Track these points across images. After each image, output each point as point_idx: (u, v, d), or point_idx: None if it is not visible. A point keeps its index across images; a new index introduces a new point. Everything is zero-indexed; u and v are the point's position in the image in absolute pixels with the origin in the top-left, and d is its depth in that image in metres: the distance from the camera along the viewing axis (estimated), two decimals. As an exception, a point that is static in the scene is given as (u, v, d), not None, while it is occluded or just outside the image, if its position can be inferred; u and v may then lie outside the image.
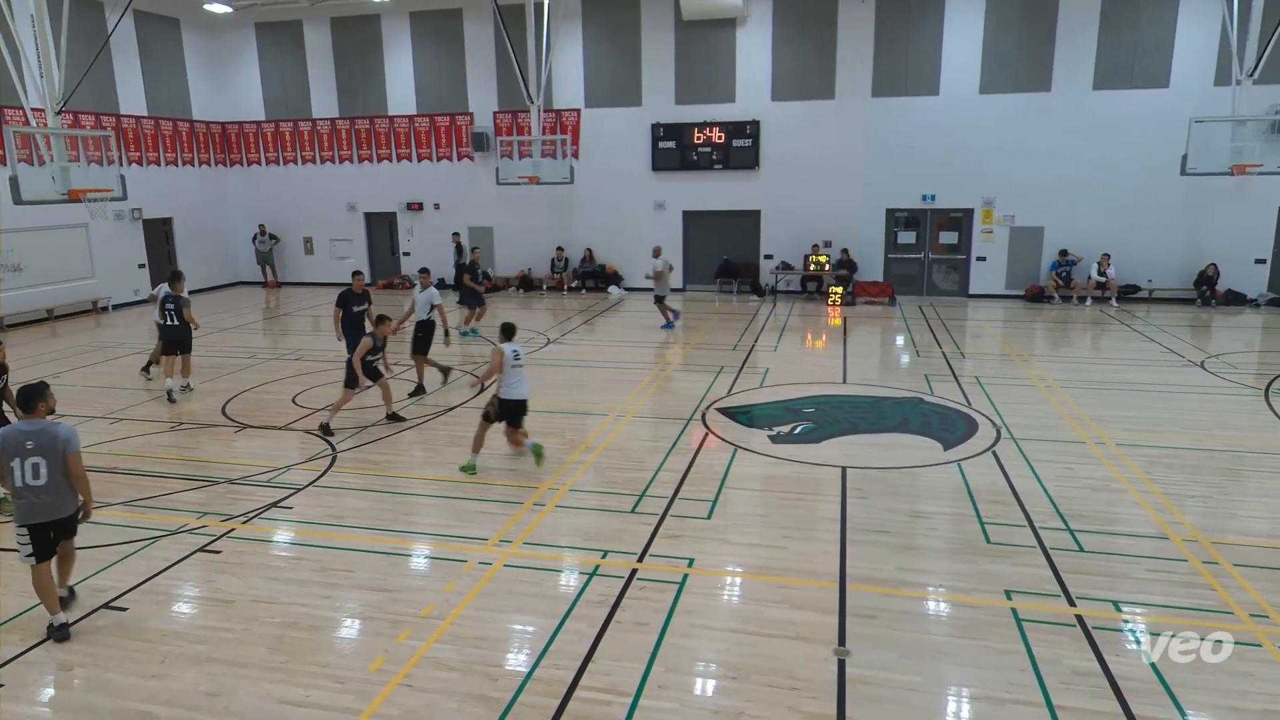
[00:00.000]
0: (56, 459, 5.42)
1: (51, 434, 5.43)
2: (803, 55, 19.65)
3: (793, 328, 16.70)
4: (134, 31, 20.46)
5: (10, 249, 17.53)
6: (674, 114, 20.56)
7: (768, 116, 20.06)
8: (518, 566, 6.45)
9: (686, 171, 20.76)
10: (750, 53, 19.89)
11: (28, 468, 5.37)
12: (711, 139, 20.37)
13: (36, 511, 5.45)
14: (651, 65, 20.52)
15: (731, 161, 20.40)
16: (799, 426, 9.87)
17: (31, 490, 5.40)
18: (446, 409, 10.87)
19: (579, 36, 20.77)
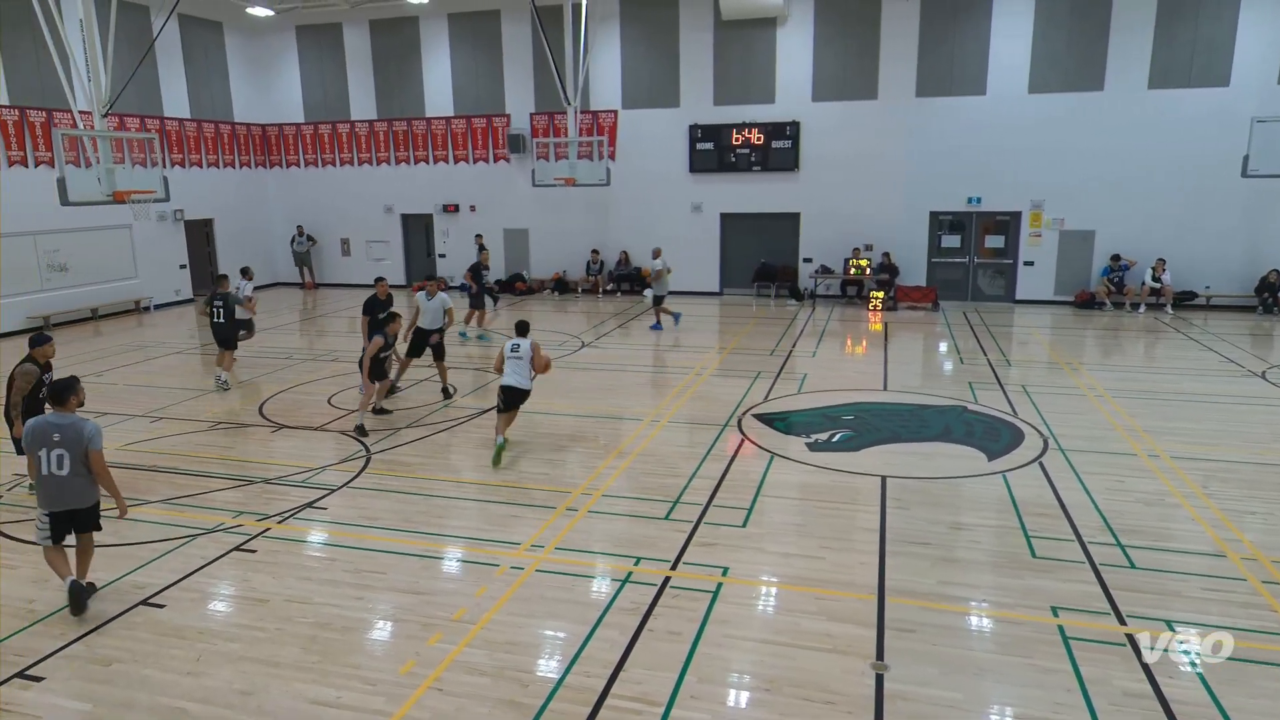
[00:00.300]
0: (79, 453, 5.72)
1: (78, 429, 5.72)
2: (845, 55, 19.51)
3: (832, 333, 16.56)
4: (178, 35, 21.02)
5: (56, 249, 18.10)
6: (712, 115, 20.54)
7: (808, 117, 19.94)
8: (550, 572, 6.48)
9: (724, 173, 20.71)
10: (791, 52, 19.80)
11: (53, 458, 5.69)
12: (750, 140, 20.30)
13: (57, 500, 5.79)
14: (690, 66, 20.52)
15: (770, 163, 20.30)
16: (838, 434, 9.77)
17: (54, 480, 5.73)
18: (479, 412, 10.96)
19: (617, 37, 20.85)
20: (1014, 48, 18.45)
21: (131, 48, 16.97)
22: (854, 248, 19.95)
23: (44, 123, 17.50)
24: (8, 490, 8.43)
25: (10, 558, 6.91)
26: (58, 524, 5.87)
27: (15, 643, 5.60)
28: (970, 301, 19.88)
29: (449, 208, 23.16)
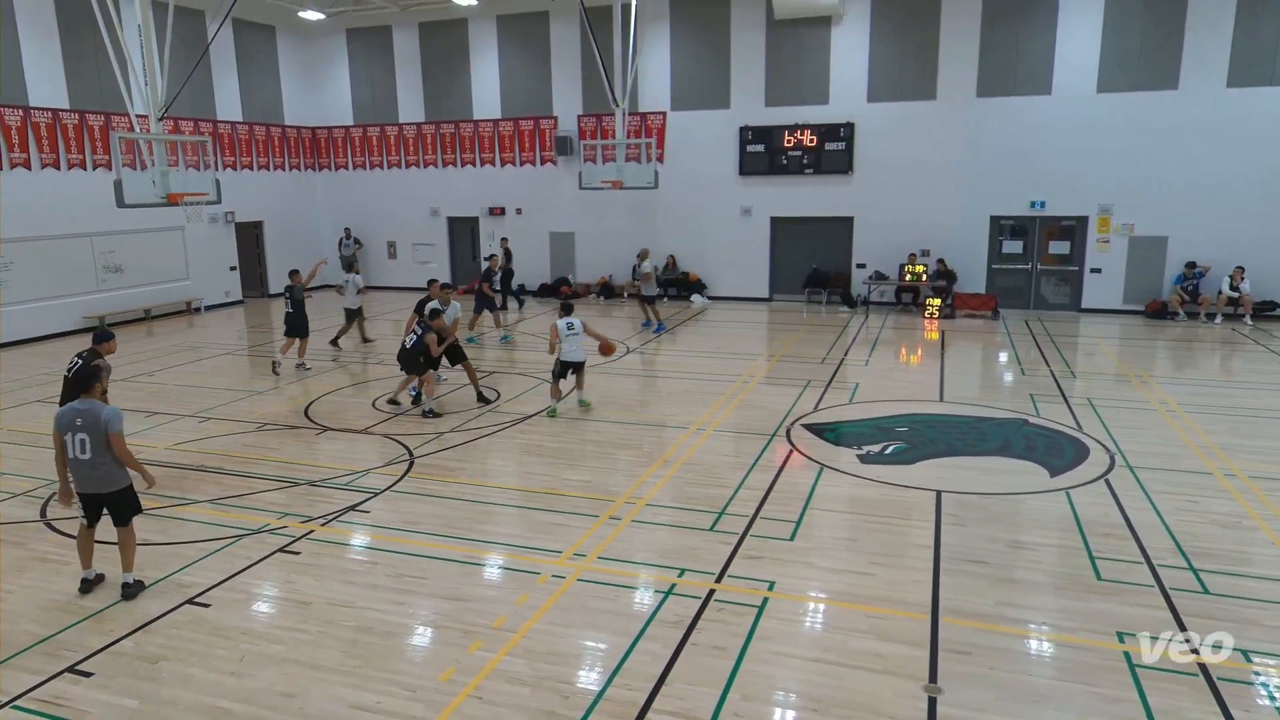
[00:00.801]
0: (99, 436, 6.10)
1: (96, 413, 6.12)
2: (902, 53, 19.27)
3: (886, 341, 16.34)
4: (232, 39, 21.68)
5: (112, 250, 18.79)
6: (763, 116, 20.46)
7: (863, 118, 19.74)
8: (591, 581, 6.49)
9: (775, 176, 20.61)
10: (845, 51, 19.63)
11: (77, 442, 6.11)
12: (803, 142, 20.17)
13: (82, 482, 6.23)
14: (741, 66, 20.49)
15: (823, 165, 20.14)
16: (890, 446, 9.64)
17: (79, 462, 6.16)
18: (522, 417, 11.06)
19: (666, 37, 20.92)
20: (1082, 45, 18.02)
21: (187, 52, 17.57)
22: (910, 253, 19.67)
23: (102, 126, 18.19)
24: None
25: (62, 554, 7.17)
26: (88, 505, 6.32)
27: (66, 637, 5.81)
28: (1032, 310, 19.43)
29: (495, 210, 23.45)
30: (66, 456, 6.17)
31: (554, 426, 10.65)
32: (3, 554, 7.19)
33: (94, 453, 6.11)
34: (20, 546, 7.33)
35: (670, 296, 21.66)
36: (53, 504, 8.25)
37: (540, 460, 9.43)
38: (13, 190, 16.65)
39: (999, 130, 18.80)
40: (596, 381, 12.96)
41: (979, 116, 18.90)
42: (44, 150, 17.21)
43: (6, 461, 9.65)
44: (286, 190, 24.03)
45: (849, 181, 20.15)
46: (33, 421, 11.27)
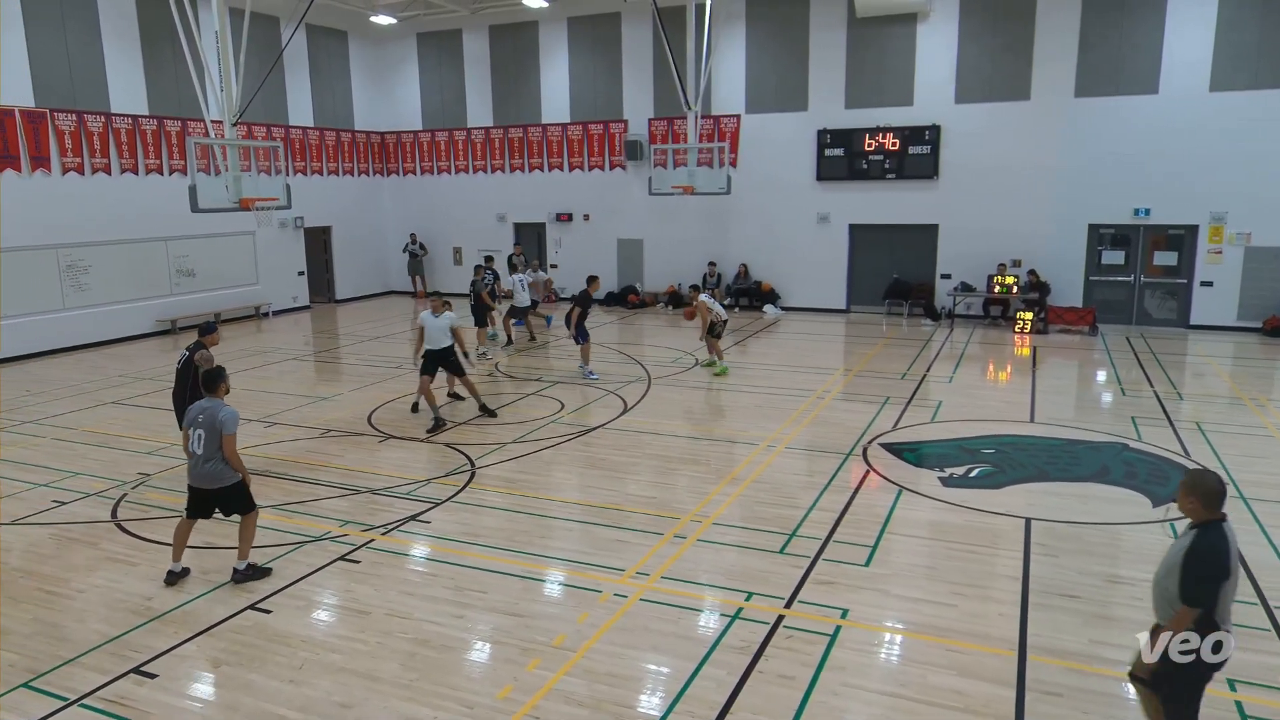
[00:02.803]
0: (214, 435, 6.64)
1: (214, 413, 6.68)
2: (994, 52, 18.85)
3: (972, 356, 15.95)
4: (305, 45, 22.54)
5: (185, 255, 19.68)
6: (843, 119, 20.25)
7: (950, 120, 19.36)
8: (655, 602, 6.48)
9: (855, 181, 20.36)
10: (932, 50, 19.31)
11: (195, 437, 6.72)
12: (884, 146, 19.89)
13: (194, 476, 6.77)
14: (820, 67, 20.33)
15: (906, 170, 19.82)
16: (976, 469, 9.40)
17: (194, 458, 6.75)
18: (585, 429, 11.14)
19: (742, 38, 20.91)
20: (1193, 40, 17.32)
21: (261, 58, 18.32)
22: (999, 263, 19.15)
23: (179, 132, 19.11)
24: (132, 488, 9.18)
25: (131, 554, 7.51)
26: (193, 499, 6.83)
27: (133, 638, 6.07)
28: (1134, 325, 18.69)
29: (562, 216, 23.75)
30: (187, 450, 6.83)
31: (618, 440, 10.70)
32: (75, 553, 7.57)
33: (207, 450, 6.65)
34: (92, 546, 7.71)
35: (741, 307, 21.56)
36: (123, 505, 8.66)
37: (603, 474, 9.48)
38: (93, 195, 17.60)
39: (1099, 132, 18.19)
40: (665, 393, 13.00)
41: (1077, 118, 18.32)
42: (123, 155, 18.16)
43: (80, 461, 10.16)
44: (354, 195, 24.80)
45: (934, 187, 19.77)
46: (106, 423, 11.86)
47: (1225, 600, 3.99)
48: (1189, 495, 4.10)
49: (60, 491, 9.12)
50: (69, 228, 17.14)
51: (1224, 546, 3.97)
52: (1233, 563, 3.96)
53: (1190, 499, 4.10)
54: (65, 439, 11.14)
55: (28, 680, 5.56)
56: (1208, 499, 4.05)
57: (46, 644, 6.02)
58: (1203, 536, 4.02)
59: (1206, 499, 4.05)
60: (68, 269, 17.26)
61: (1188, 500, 4.10)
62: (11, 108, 16.10)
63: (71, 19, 17.12)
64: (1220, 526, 4.03)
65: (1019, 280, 18.84)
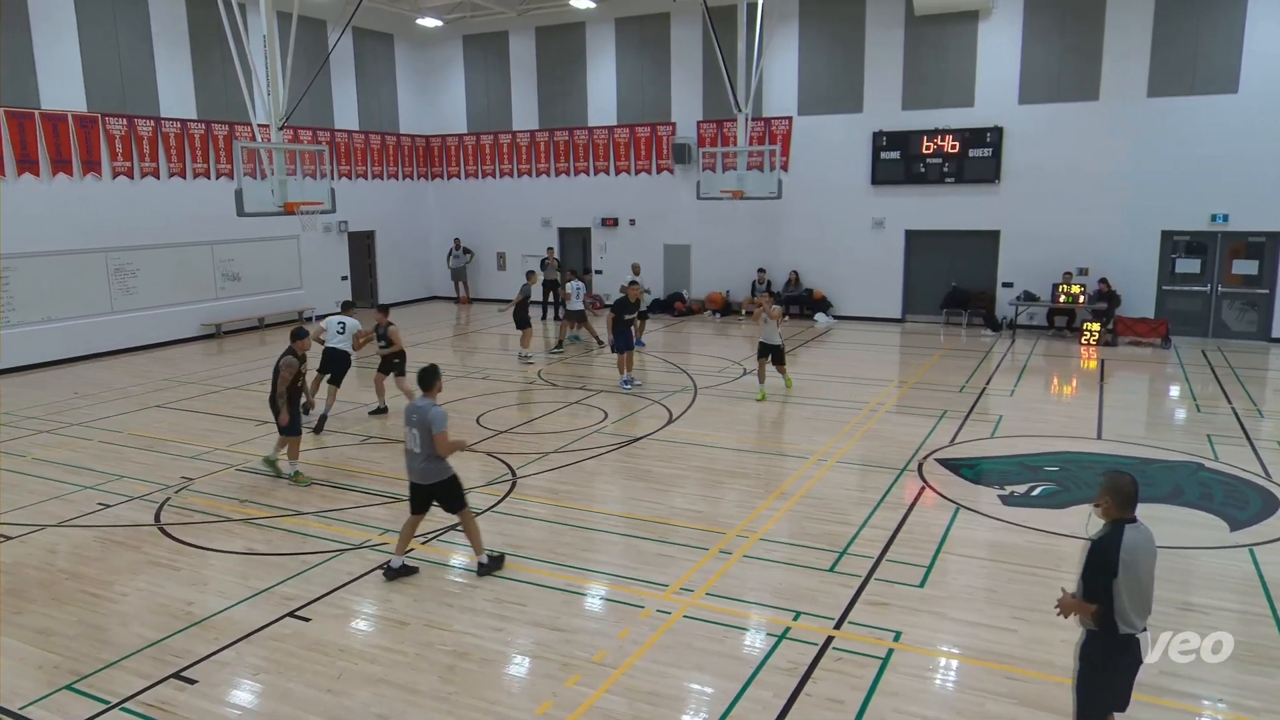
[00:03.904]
0: (426, 434, 7.04)
1: (425, 412, 7.07)
2: (1060, 50, 18.51)
3: (1035, 369, 15.63)
4: (351, 48, 23.03)
5: (231, 259, 20.20)
6: (900, 121, 20.06)
7: (1013, 122, 19.05)
8: (698, 619, 6.46)
9: (912, 185, 20.13)
10: (995, 49, 19.03)
11: (411, 436, 7.11)
12: (943, 148, 19.65)
13: (412, 473, 7.22)
14: (876, 67, 20.17)
15: (966, 174, 19.54)
16: (1038, 487, 9.22)
17: (409, 454, 7.18)
18: (630, 440, 11.15)
19: (794, 38, 20.84)
20: (1275, 36, 16.80)
21: (308, 61, 18.77)
22: (1065, 272, 18.76)
23: (226, 136, 19.64)
24: (175, 493, 9.43)
25: (174, 559, 7.71)
26: (413, 495, 7.26)
27: (174, 643, 6.23)
28: (1211, 338, 18.14)
29: (608, 221, 23.86)
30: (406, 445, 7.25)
31: (664, 451, 10.70)
32: (119, 556, 7.80)
33: (422, 448, 7.07)
34: (136, 550, 7.93)
35: (792, 315, 21.41)
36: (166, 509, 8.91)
37: (647, 486, 9.48)
38: (142, 198, 18.16)
39: (1173, 134, 17.73)
40: (712, 404, 12.97)
41: (1149, 119, 17.89)
42: (172, 159, 18.72)
43: (125, 465, 10.47)
44: (399, 199, 25.23)
45: (995, 191, 19.45)
46: (151, 426, 12.20)
47: (1122, 599, 4.18)
48: (1104, 494, 4.32)
49: (105, 494, 9.40)
50: (118, 231, 17.70)
51: (1114, 546, 4.18)
52: (1123, 563, 4.15)
53: (1104, 498, 4.32)
54: (111, 442, 11.49)
55: (71, 682, 5.74)
56: (1119, 499, 4.28)
57: (90, 646, 6.21)
58: (1101, 534, 4.28)
59: (1117, 498, 4.28)
60: (116, 272, 17.83)
61: (1103, 499, 4.33)
62: (64, 112, 16.71)
63: (124, 24, 17.73)
64: (1122, 526, 4.25)
65: (1086, 289, 18.43)
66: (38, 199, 16.35)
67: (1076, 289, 18.44)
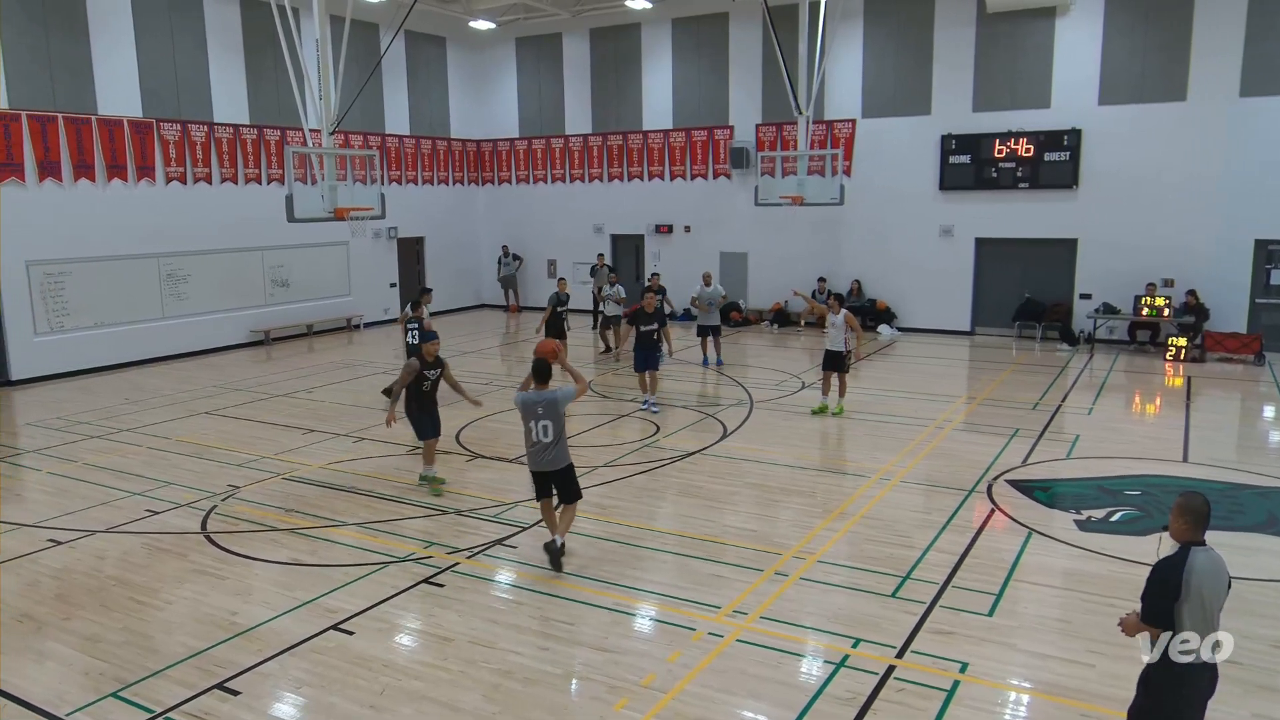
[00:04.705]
0: (558, 419, 7.58)
1: (553, 399, 7.60)
2: (1144, 47, 18.09)
3: (1115, 386, 15.24)
4: (404, 52, 23.51)
5: (281, 265, 20.72)
6: (970, 123, 19.78)
7: (1092, 124, 18.66)
8: (752, 643, 6.41)
9: (982, 191, 19.83)
10: (1073, 47, 18.68)
11: (540, 428, 7.60)
12: (1017, 152, 19.32)
13: (539, 462, 7.71)
14: (945, 67, 19.94)
15: (1041, 179, 19.18)
16: (1118, 512, 8.98)
17: (540, 445, 7.63)
18: (683, 454, 11.13)
19: (859, 37, 20.72)
20: (1384, 31, 16.21)
21: (360, 66, 19.21)
22: (1148, 283, 18.27)
23: (278, 141, 20.19)
24: (222, 500, 9.68)
25: (219, 567, 7.91)
26: (538, 482, 7.80)
27: (217, 653, 6.38)
28: (1310, 355, 17.51)
29: (662, 228, 23.93)
30: (529, 441, 7.68)
31: (717, 467, 10.66)
32: (165, 564, 8.02)
33: (554, 436, 7.58)
34: (182, 558, 8.15)
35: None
36: (212, 517, 9.14)
37: (700, 503, 9.45)
38: (194, 204, 18.75)
39: (1268, 136, 17.17)
40: (768, 418, 12.89)
41: (1242, 120, 17.36)
42: (224, 165, 19.30)
43: (173, 472, 10.78)
44: (449, 205, 25.64)
45: (1073, 197, 19.06)
46: (200, 433, 12.55)
47: (1185, 626, 4.10)
48: (1176, 515, 4.28)
49: (153, 501, 9.69)
50: (170, 236, 18.29)
51: (1180, 568, 4.12)
52: (1188, 587, 4.08)
53: (1175, 519, 4.28)
54: (160, 448, 11.84)
55: (116, 690, 5.91)
56: (1191, 519, 4.22)
57: (136, 654, 6.39)
58: (1169, 556, 4.23)
59: (1190, 519, 4.23)
60: (168, 278, 18.41)
61: (1177, 521, 4.28)
62: (120, 118, 17.35)
63: (180, 30, 18.38)
64: (1189, 549, 4.17)
65: (1171, 302, 17.92)
66: (93, 204, 16.98)
67: (1161, 301, 17.93)
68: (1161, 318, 17.94)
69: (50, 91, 16.31)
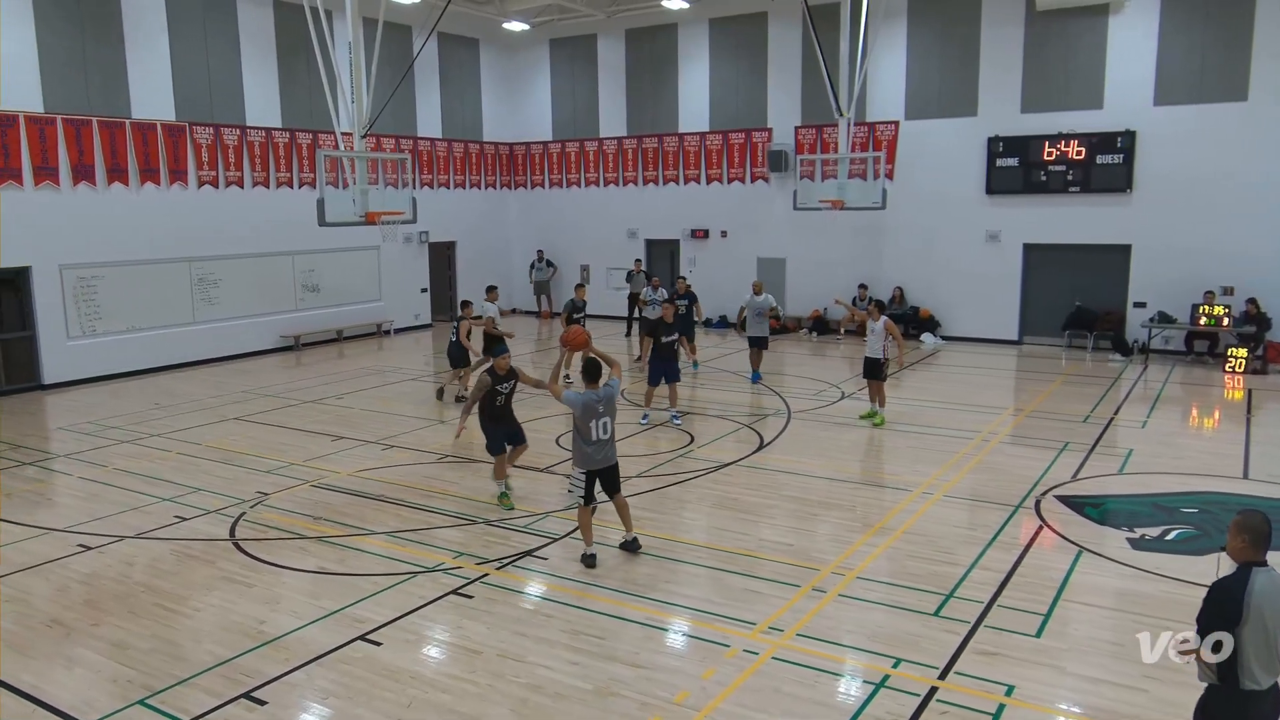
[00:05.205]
0: (614, 414, 8.01)
1: (610, 395, 7.98)
2: (1202, 45, 17.78)
3: (1171, 399, 14.96)
4: (436, 54, 23.77)
5: (311, 269, 21.00)
6: (1018, 125, 19.57)
7: (1147, 125, 18.37)
8: (788, 661, 6.36)
9: (1031, 195, 19.60)
10: (1127, 45, 18.41)
11: (600, 426, 7.90)
12: (1068, 154, 19.07)
13: (597, 460, 7.96)
14: (992, 67, 19.75)
15: (1093, 183, 18.92)
16: (1174, 531, 8.82)
17: (600, 443, 7.93)
18: (718, 465, 11.10)
19: (902, 36, 20.59)
20: None
21: (393, 68, 19.46)
22: (1206, 291, 17.92)
23: (310, 144, 20.49)
24: (250, 507, 9.81)
25: (247, 575, 8.01)
26: (605, 478, 8.09)
27: (244, 662, 6.46)
28: (1380, 367, 17.06)
29: (697, 233, 23.92)
30: (590, 440, 7.92)
31: (753, 479, 10.62)
32: (194, 571, 8.15)
33: (612, 432, 7.98)
34: (210, 565, 8.27)
35: (896, 335, 21.05)
36: (241, 524, 9.27)
37: (735, 516, 9.42)
38: (226, 207, 19.07)
39: (1335, 138, 16.80)
40: (806, 429, 12.82)
41: (1307, 121, 17.00)
42: (256, 168, 19.63)
43: (202, 477, 10.95)
44: (480, 209, 25.84)
45: (1126, 201, 18.76)
46: (229, 439, 12.74)
47: (1246, 651, 3.98)
48: (1235, 533, 4.17)
49: (182, 507, 9.85)
50: (201, 240, 18.62)
51: (1240, 589, 4.00)
52: (1249, 609, 3.96)
53: (1235, 538, 4.17)
54: (189, 454, 12.04)
55: (144, 697, 6.00)
56: (1251, 538, 4.11)
57: (163, 662, 6.49)
58: (1227, 577, 4.13)
59: (1250, 538, 4.11)
60: (199, 282, 18.74)
61: (1235, 539, 4.17)
62: (154, 121, 17.71)
63: (213, 34, 18.73)
64: (1250, 570, 4.07)
65: (1231, 311, 17.55)
66: (126, 208, 17.34)
67: (1220, 310, 17.57)
68: (1220, 327, 17.57)
69: (85, 95, 16.69)
